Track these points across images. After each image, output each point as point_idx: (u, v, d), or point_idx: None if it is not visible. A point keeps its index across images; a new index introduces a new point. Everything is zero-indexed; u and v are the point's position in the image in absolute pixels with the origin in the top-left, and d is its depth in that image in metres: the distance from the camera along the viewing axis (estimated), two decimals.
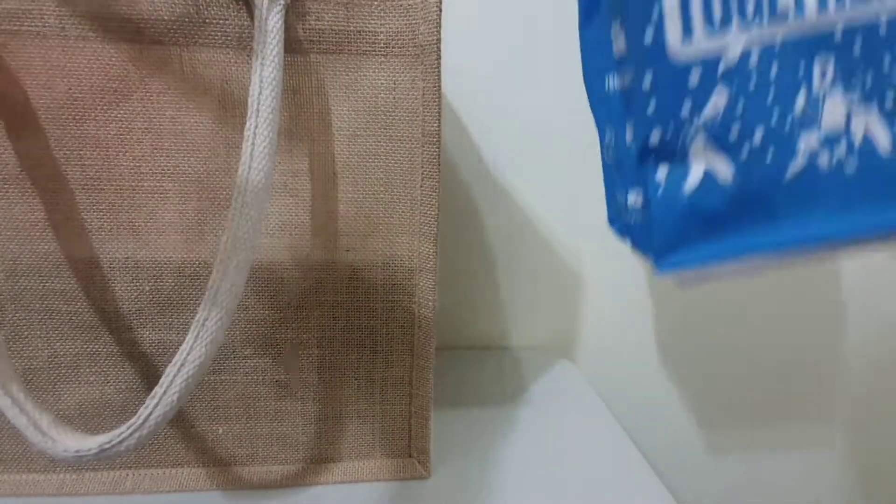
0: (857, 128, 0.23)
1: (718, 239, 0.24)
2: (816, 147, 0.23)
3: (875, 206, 0.23)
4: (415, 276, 0.33)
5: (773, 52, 0.23)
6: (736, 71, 0.23)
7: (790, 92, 0.23)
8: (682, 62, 0.23)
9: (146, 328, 0.31)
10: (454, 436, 0.41)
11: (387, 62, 0.30)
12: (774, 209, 0.24)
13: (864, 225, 0.23)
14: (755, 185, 0.24)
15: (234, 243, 0.25)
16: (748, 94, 0.23)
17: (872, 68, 0.23)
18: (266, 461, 0.34)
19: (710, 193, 0.24)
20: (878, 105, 0.23)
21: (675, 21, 0.22)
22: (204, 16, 0.27)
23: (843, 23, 0.22)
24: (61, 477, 0.32)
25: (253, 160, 0.25)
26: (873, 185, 0.23)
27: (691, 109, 0.23)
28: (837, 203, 0.24)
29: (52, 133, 0.28)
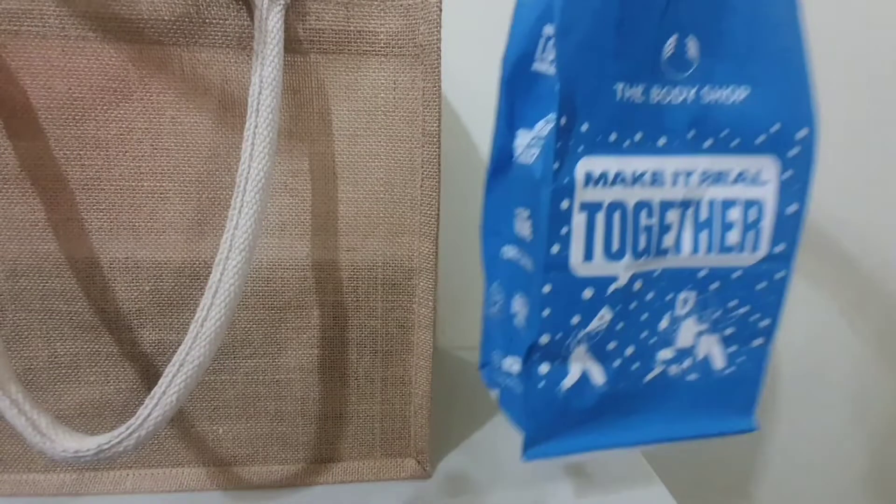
0: (702, 347, 0.29)
1: (581, 434, 0.29)
2: (670, 358, 0.29)
3: (703, 411, 0.30)
4: (415, 276, 0.33)
5: (652, 282, 0.27)
6: (621, 293, 0.27)
7: (658, 314, 0.28)
8: (580, 278, 0.26)
9: (146, 328, 0.31)
10: (454, 436, 0.41)
11: (387, 62, 0.30)
12: (629, 408, 0.29)
13: (689, 431, 0.30)
14: (620, 389, 0.28)
15: (233, 243, 0.25)
16: (627, 314, 0.27)
17: (721, 305, 0.29)
18: (266, 461, 0.34)
19: (582, 394, 0.28)
20: (719, 333, 0.29)
21: (580, 244, 0.26)
22: (204, 16, 0.27)
23: (708, 266, 0.28)
24: (61, 477, 0.32)
25: (253, 160, 0.25)
26: (706, 393, 0.30)
27: (580, 321, 0.27)
28: (677, 403, 0.30)
29: (53, 133, 0.28)
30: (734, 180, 0.27)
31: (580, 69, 0.24)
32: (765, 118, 0.27)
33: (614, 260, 0.26)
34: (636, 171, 0.26)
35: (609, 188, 0.26)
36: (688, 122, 0.26)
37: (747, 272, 0.29)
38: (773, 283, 0.29)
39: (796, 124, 0.27)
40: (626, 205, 0.26)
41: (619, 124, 0.25)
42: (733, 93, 0.26)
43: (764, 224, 0.28)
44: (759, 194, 0.27)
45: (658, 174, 0.26)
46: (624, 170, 0.26)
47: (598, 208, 0.26)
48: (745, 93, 0.26)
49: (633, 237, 0.26)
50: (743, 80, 0.26)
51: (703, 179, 0.27)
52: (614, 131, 0.25)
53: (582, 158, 0.25)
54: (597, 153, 0.25)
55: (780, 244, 0.29)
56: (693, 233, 0.27)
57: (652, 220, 0.27)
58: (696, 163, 0.27)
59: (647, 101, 0.26)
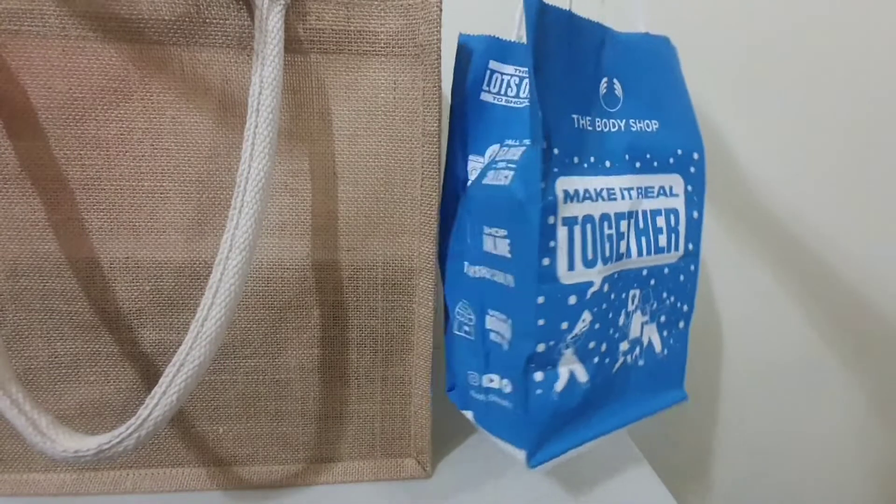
0: (646, 336, 0.34)
1: (572, 431, 0.31)
2: (627, 349, 0.33)
3: (651, 391, 0.35)
4: (415, 276, 0.33)
5: (613, 283, 0.31)
6: (597, 296, 0.30)
7: (618, 312, 0.32)
8: (566, 286, 0.29)
9: (146, 328, 0.31)
10: (454, 436, 0.41)
11: (387, 62, 0.30)
12: (604, 399, 0.32)
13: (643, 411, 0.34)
14: (597, 383, 0.31)
15: (234, 243, 0.25)
16: (601, 314, 0.30)
17: (657, 297, 0.33)
18: (266, 461, 0.34)
19: (572, 394, 0.30)
20: (656, 321, 0.34)
21: (564, 255, 0.28)
22: (204, 16, 0.27)
23: (647, 266, 0.33)
24: (61, 477, 0.32)
25: (253, 160, 0.25)
26: (652, 375, 0.34)
27: (567, 327, 0.29)
28: (634, 388, 0.34)
29: (53, 133, 0.28)
30: (658, 194, 0.33)
31: (550, 102, 0.28)
32: (671, 145, 0.33)
33: (590, 267, 0.29)
34: (597, 189, 0.30)
35: (581, 204, 0.29)
36: (623, 147, 0.32)
37: (672, 268, 0.34)
38: (689, 275, 0.35)
39: (691, 149, 0.34)
40: (594, 218, 0.30)
41: (578, 149, 0.29)
42: (649, 125, 0.33)
43: (680, 228, 0.34)
44: (675, 204, 0.33)
45: (611, 191, 0.30)
46: (588, 187, 0.29)
47: (575, 222, 0.29)
48: (657, 125, 0.33)
49: (601, 246, 0.30)
50: (654, 115, 0.33)
51: (639, 194, 0.32)
52: (575, 155, 0.29)
53: (558, 178, 0.28)
54: (568, 174, 0.29)
55: (690, 243, 0.34)
56: (637, 238, 0.32)
57: (612, 230, 0.30)
58: (633, 180, 0.32)
59: (594, 129, 0.30)
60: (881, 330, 0.67)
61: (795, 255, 0.64)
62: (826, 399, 0.69)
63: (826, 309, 0.66)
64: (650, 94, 0.33)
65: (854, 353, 0.68)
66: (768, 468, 0.72)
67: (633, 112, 0.32)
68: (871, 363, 0.68)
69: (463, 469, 0.37)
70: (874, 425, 0.70)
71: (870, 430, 0.71)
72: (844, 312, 0.66)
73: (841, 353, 0.67)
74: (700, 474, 0.72)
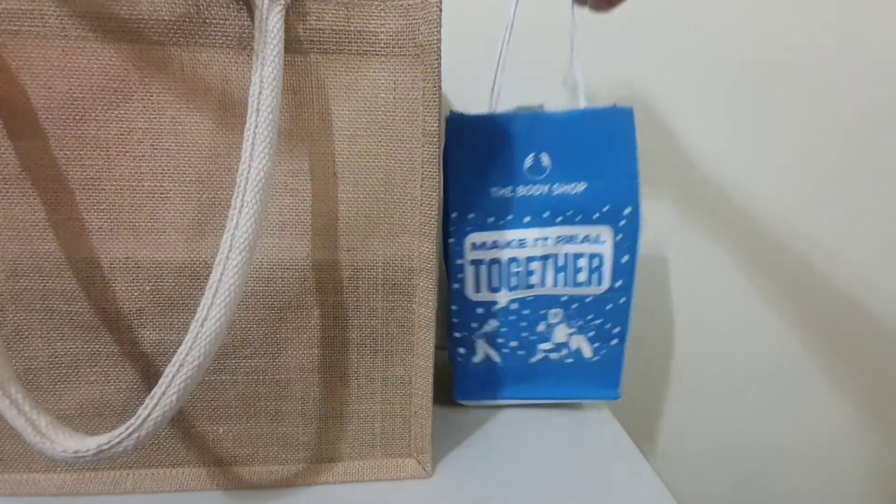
0: (573, 343, 0.44)
1: (490, 390, 0.45)
2: (551, 349, 0.44)
3: (581, 382, 0.45)
4: (415, 276, 0.33)
5: (526, 303, 0.43)
6: (502, 310, 0.43)
7: (535, 322, 0.43)
8: (473, 302, 0.43)
9: (146, 328, 0.31)
10: (454, 436, 0.41)
11: (387, 62, 0.30)
12: (523, 377, 0.45)
13: (571, 394, 0.45)
14: (511, 366, 0.44)
15: (234, 243, 0.25)
16: (509, 323, 0.43)
17: (582, 318, 0.43)
18: (266, 461, 0.34)
19: (489, 367, 0.44)
20: (584, 334, 0.44)
21: (471, 283, 0.42)
22: (204, 16, 0.27)
23: (567, 294, 0.42)
24: (61, 477, 0.33)
25: (253, 160, 0.25)
26: (581, 371, 0.45)
27: (477, 326, 0.43)
28: (561, 376, 0.45)
29: (53, 133, 0.28)
30: (581, 241, 0.41)
31: (467, 183, 0.40)
32: (598, 202, 0.41)
33: (495, 292, 0.42)
34: (508, 240, 0.41)
35: (489, 251, 0.41)
36: (543, 206, 0.41)
37: (596, 298, 0.43)
38: (618, 305, 0.43)
39: (623, 205, 0.41)
40: (500, 260, 0.42)
41: (495, 212, 0.41)
42: (575, 187, 0.40)
43: (604, 269, 0.42)
44: (600, 249, 0.42)
45: (523, 240, 0.41)
46: (498, 239, 0.41)
47: (481, 263, 0.42)
48: (584, 186, 0.40)
49: (507, 278, 0.42)
50: (581, 178, 0.40)
51: (559, 241, 0.41)
52: (492, 217, 0.41)
53: (469, 235, 0.41)
54: (479, 231, 0.41)
55: (618, 281, 0.42)
56: (554, 274, 0.42)
57: (520, 268, 0.42)
58: (551, 231, 0.41)
59: (514, 195, 0.41)
60: (877, 332, 0.67)
61: (794, 259, 0.64)
62: (824, 401, 0.69)
63: (823, 311, 0.66)
64: (580, 161, 0.40)
65: (851, 356, 0.68)
66: (768, 469, 0.72)
67: (559, 177, 0.40)
68: (868, 365, 0.68)
69: (463, 469, 0.37)
70: (872, 427, 0.70)
71: (868, 432, 0.71)
72: (840, 315, 0.66)
73: (838, 356, 0.67)
74: (700, 474, 0.72)
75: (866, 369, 0.68)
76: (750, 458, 0.72)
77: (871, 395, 0.69)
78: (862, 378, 0.68)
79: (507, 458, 0.39)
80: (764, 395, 0.69)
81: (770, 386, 0.69)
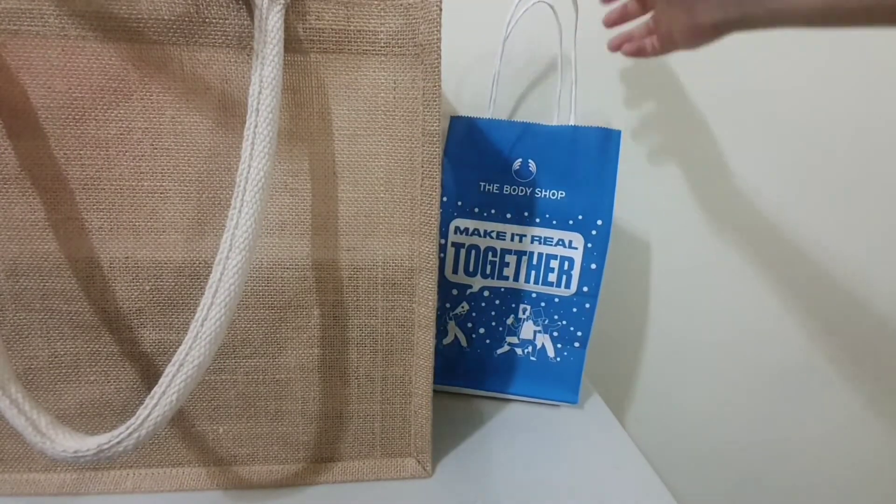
0: (538, 341, 0.48)
1: (452, 377, 0.48)
2: (517, 343, 0.48)
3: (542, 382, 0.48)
4: (415, 275, 0.33)
5: (498, 293, 0.47)
6: (474, 295, 0.47)
7: (505, 314, 0.47)
8: (450, 283, 0.47)
9: (146, 328, 0.31)
10: (454, 436, 0.41)
11: (387, 61, 0.30)
12: (488, 368, 0.48)
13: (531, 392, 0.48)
14: (478, 353, 0.48)
15: (234, 242, 0.25)
16: (479, 309, 0.47)
17: (548, 317, 0.47)
18: (266, 461, 0.34)
19: (456, 350, 0.48)
20: (549, 333, 0.47)
21: (450, 263, 0.46)
22: (204, 15, 0.27)
23: (537, 292, 0.47)
24: (61, 477, 0.32)
25: (253, 159, 0.25)
26: (544, 371, 0.48)
27: (450, 307, 0.47)
28: (524, 373, 0.48)
29: (53, 133, 0.28)
30: (556, 243, 0.46)
31: (460, 175, 0.45)
32: (573, 210, 0.45)
33: (470, 276, 0.47)
34: (488, 230, 0.46)
35: (469, 237, 0.46)
36: (524, 206, 0.45)
37: (563, 300, 0.46)
38: (583, 310, 0.47)
39: (596, 217, 0.45)
40: (479, 247, 0.46)
41: (480, 204, 0.46)
42: (555, 194, 0.45)
43: (574, 273, 0.46)
44: (571, 254, 0.46)
45: (502, 233, 0.46)
46: (479, 228, 0.46)
47: (462, 246, 0.46)
48: (563, 194, 0.45)
49: (483, 266, 0.46)
50: (561, 187, 0.45)
51: (534, 240, 0.46)
52: (477, 207, 0.46)
53: (454, 219, 0.46)
54: (463, 217, 0.46)
55: (585, 286, 0.46)
56: (526, 270, 0.46)
57: (496, 258, 0.46)
58: (527, 230, 0.46)
59: (501, 192, 0.45)
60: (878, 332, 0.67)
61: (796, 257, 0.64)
62: (825, 400, 0.69)
63: (824, 312, 0.66)
64: (563, 172, 0.45)
65: (852, 355, 0.68)
66: (767, 469, 0.72)
67: (542, 183, 0.45)
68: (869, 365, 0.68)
69: (463, 469, 0.37)
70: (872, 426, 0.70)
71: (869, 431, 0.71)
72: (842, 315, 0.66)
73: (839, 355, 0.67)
74: (700, 474, 0.72)
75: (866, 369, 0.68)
76: (750, 457, 0.72)
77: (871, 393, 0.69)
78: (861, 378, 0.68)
79: (507, 458, 0.39)
80: (764, 394, 0.69)
81: (771, 385, 0.69)
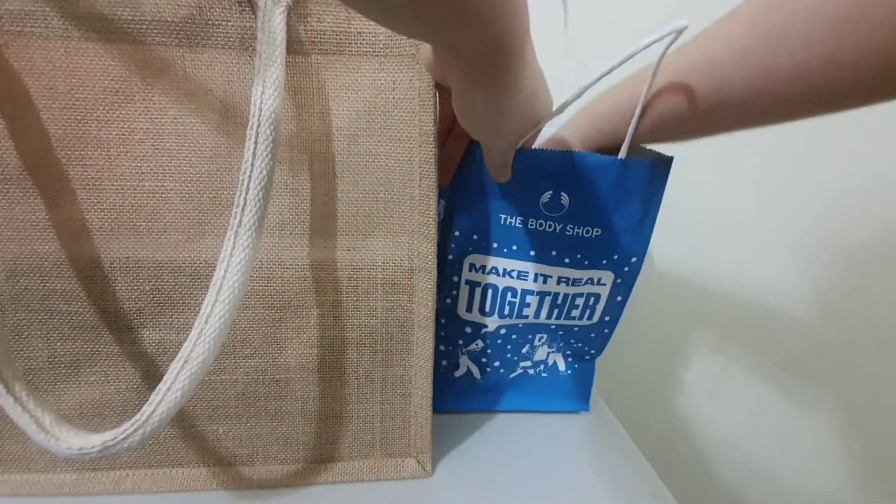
0: (551, 360, 0.46)
1: (464, 402, 0.46)
2: (530, 366, 0.46)
3: (553, 395, 0.47)
4: (414, 275, 0.33)
5: (515, 329, 0.43)
6: (490, 333, 0.42)
7: (521, 345, 0.44)
8: (463, 320, 0.42)
9: (147, 328, 0.31)
10: (454, 436, 0.41)
11: (386, 62, 0.30)
12: (501, 390, 0.46)
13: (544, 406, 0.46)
14: (491, 381, 0.46)
15: (237, 241, 0.25)
16: (495, 346, 0.43)
17: (565, 341, 0.45)
18: (266, 461, 0.34)
19: (468, 381, 0.45)
20: (562, 353, 0.46)
21: (464, 301, 0.41)
22: (206, 17, 0.28)
23: (553, 323, 0.43)
24: (62, 477, 0.32)
25: (255, 158, 0.25)
26: (555, 385, 0.47)
27: (463, 343, 0.43)
28: (536, 390, 0.46)
29: (54, 133, 0.28)
30: (584, 283, 0.40)
31: (474, 204, 0.37)
32: (609, 250, 0.38)
33: (486, 315, 0.41)
34: (507, 269, 0.39)
35: (486, 275, 0.40)
36: (552, 244, 0.38)
37: (583, 328, 0.44)
38: (601, 335, 0.44)
39: (631, 254, 0.39)
40: (497, 286, 0.40)
41: (500, 239, 0.38)
42: (589, 232, 0.37)
43: (598, 306, 0.42)
44: (599, 291, 0.41)
45: (524, 273, 0.39)
46: (498, 266, 0.39)
47: (477, 285, 0.40)
48: (598, 232, 0.37)
49: (500, 307, 0.41)
50: (597, 224, 0.37)
51: (560, 281, 0.40)
52: (496, 243, 0.39)
53: (469, 255, 0.39)
54: (479, 252, 0.39)
55: (607, 316, 0.43)
56: (549, 309, 0.41)
57: (515, 299, 0.40)
58: (553, 270, 0.39)
59: (525, 227, 0.38)
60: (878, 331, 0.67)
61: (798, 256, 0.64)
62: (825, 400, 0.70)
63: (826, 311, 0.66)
64: (601, 207, 0.37)
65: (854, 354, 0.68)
66: (767, 468, 0.73)
67: (574, 219, 0.37)
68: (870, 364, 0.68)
69: (463, 469, 0.37)
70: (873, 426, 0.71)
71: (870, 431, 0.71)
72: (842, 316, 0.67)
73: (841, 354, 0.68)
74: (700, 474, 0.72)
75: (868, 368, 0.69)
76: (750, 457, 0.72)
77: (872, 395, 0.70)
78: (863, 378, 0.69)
79: (508, 459, 0.39)
80: (765, 393, 0.69)
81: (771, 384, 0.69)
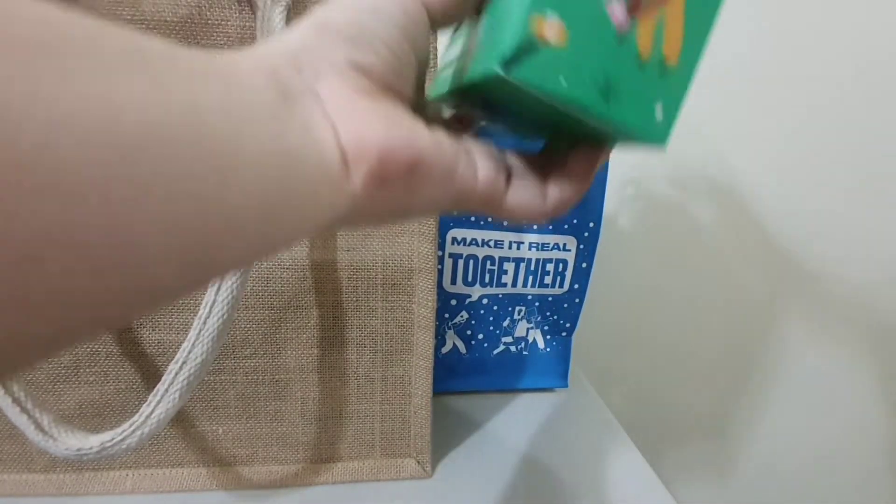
0: (531, 336, 0.50)
1: (452, 382, 0.48)
2: (511, 342, 0.49)
3: (534, 372, 0.50)
4: (414, 276, 0.33)
5: (496, 300, 0.47)
6: (474, 303, 0.47)
7: (502, 318, 0.48)
8: (448, 293, 0.46)
9: (146, 328, 0.31)
10: (454, 436, 0.41)
11: None
12: (486, 368, 0.49)
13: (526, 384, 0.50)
14: (476, 357, 0.49)
15: None
16: (479, 317, 0.48)
17: (541, 314, 0.49)
18: (266, 461, 0.34)
19: (455, 357, 0.48)
20: (540, 329, 0.50)
21: (448, 274, 0.45)
22: (206, 17, 0.28)
23: (532, 293, 0.48)
24: (61, 477, 0.32)
25: None
26: (536, 363, 0.50)
27: (449, 317, 0.47)
28: (518, 368, 0.50)
29: None
30: (551, 248, 0.46)
31: None
32: (569, 216, 0.46)
33: (469, 286, 0.46)
34: (485, 239, 0.45)
35: (467, 247, 0.45)
36: None
37: (556, 298, 0.49)
38: (572, 305, 0.49)
39: (588, 220, 0.46)
40: (478, 256, 0.46)
41: None
42: None
43: (567, 273, 0.47)
44: (565, 256, 0.47)
45: (500, 241, 0.45)
46: (477, 237, 0.45)
47: (460, 257, 0.45)
48: None
49: (481, 275, 0.46)
50: None
51: (531, 246, 0.46)
52: (473, 216, 0.44)
53: (451, 229, 0.45)
54: (460, 227, 0.45)
55: (576, 284, 0.48)
56: (524, 276, 0.47)
57: (494, 267, 0.46)
58: (525, 237, 0.45)
59: None
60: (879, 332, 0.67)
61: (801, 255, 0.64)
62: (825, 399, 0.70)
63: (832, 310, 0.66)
64: None
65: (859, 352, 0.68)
66: (767, 468, 0.73)
67: None
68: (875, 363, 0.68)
69: (463, 469, 0.37)
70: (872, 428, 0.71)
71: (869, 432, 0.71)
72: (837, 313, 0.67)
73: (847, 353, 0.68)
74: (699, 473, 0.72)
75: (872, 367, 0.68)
76: (750, 457, 0.72)
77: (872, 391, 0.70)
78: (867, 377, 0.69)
79: (507, 458, 0.39)
80: (765, 392, 0.69)
81: (772, 384, 0.69)
